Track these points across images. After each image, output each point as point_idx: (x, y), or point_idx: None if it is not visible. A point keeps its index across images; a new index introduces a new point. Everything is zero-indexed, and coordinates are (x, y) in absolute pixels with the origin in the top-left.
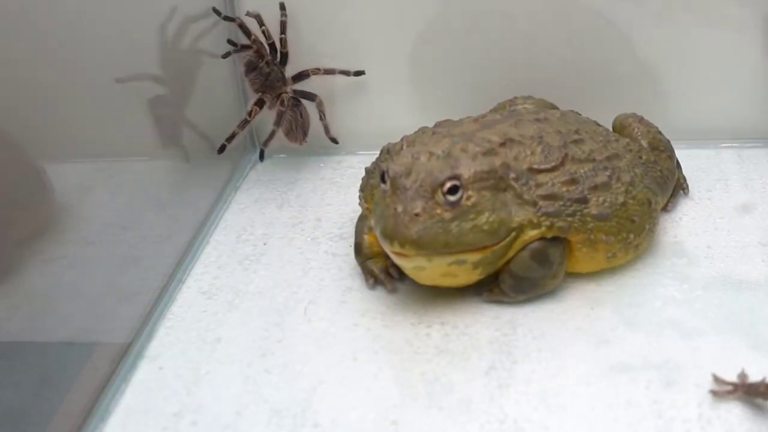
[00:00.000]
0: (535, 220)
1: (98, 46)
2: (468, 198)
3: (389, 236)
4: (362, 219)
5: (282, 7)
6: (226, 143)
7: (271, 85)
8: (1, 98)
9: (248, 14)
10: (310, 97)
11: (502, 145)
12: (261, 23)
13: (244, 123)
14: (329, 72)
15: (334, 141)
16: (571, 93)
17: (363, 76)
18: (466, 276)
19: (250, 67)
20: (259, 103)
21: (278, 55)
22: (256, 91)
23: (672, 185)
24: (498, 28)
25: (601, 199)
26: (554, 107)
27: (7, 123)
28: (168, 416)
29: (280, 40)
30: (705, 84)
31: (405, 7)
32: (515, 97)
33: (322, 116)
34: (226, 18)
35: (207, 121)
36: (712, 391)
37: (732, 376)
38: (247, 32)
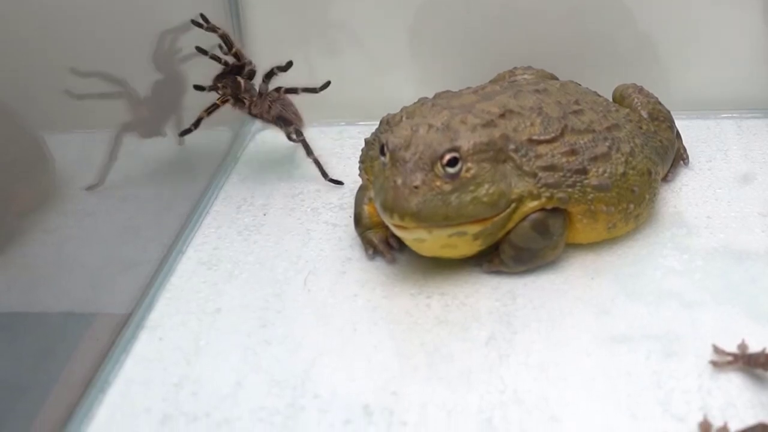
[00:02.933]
0: (534, 192)
1: (100, 19)
2: (467, 170)
3: (389, 209)
4: (362, 190)
5: (211, 27)
6: (192, 128)
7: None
8: (1, 69)
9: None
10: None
11: (502, 116)
12: (229, 45)
13: (212, 108)
14: (291, 91)
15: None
16: (571, 63)
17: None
18: (467, 247)
19: (222, 78)
20: (231, 99)
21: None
22: (230, 95)
23: (672, 155)
24: None
25: (601, 170)
26: (554, 78)
27: (8, 93)
28: (168, 387)
29: (235, 54)
30: (705, 55)
31: None
32: (515, 68)
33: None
34: (209, 29)
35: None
36: (712, 361)
37: (732, 347)
38: (229, 44)
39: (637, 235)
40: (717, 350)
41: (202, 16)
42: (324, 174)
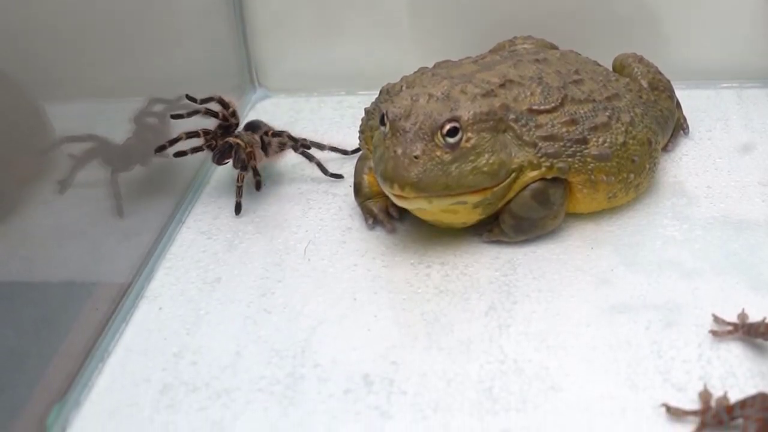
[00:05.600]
0: (535, 161)
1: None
2: (467, 140)
3: (389, 179)
4: (362, 159)
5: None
6: (239, 201)
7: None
8: (1, 39)
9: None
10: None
11: (502, 86)
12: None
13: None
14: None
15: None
16: (571, 32)
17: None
18: (467, 214)
19: (225, 151)
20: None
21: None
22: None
23: (672, 125)
24: None
25: (601, 140)
26: (554, 47)
27: (7, 63)
28: (168, 356)
29: (232, 113)
30: (705, 24)
31: None
32: (515, 37)
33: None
34: (203, 101)
35: (205, 66)
36: (712, 331)
37: (732, 317)
38: (225, 105)
39: (637, 204)
40: (717, 320)
41: (188, 96)
42: (325, 171)
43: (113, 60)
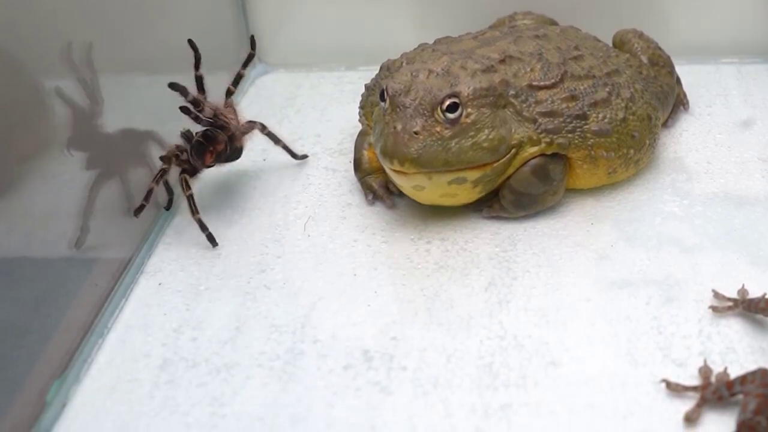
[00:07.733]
0: (534, 137)
1: None
2: (467, 115)
3: (389, 154)
4: (362, 135)
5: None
6: (210, 233)
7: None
8: (1, 15)
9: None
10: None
11: (502, 62)
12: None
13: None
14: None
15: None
16: (571, 8)
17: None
18: (466, 195)
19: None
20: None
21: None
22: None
23: (672, 101)
24: None
25: (601, 116)
26: (554, 23)
27: (7, 40)
28: (167, 332)
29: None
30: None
31: None
32: (515, 13)
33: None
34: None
35: (204, 41)
36: (712, 306)
37: (732, 292)
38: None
39: (637, 180)
40: (717, 295)
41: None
42: (294, 155)
43: (111, 35)
